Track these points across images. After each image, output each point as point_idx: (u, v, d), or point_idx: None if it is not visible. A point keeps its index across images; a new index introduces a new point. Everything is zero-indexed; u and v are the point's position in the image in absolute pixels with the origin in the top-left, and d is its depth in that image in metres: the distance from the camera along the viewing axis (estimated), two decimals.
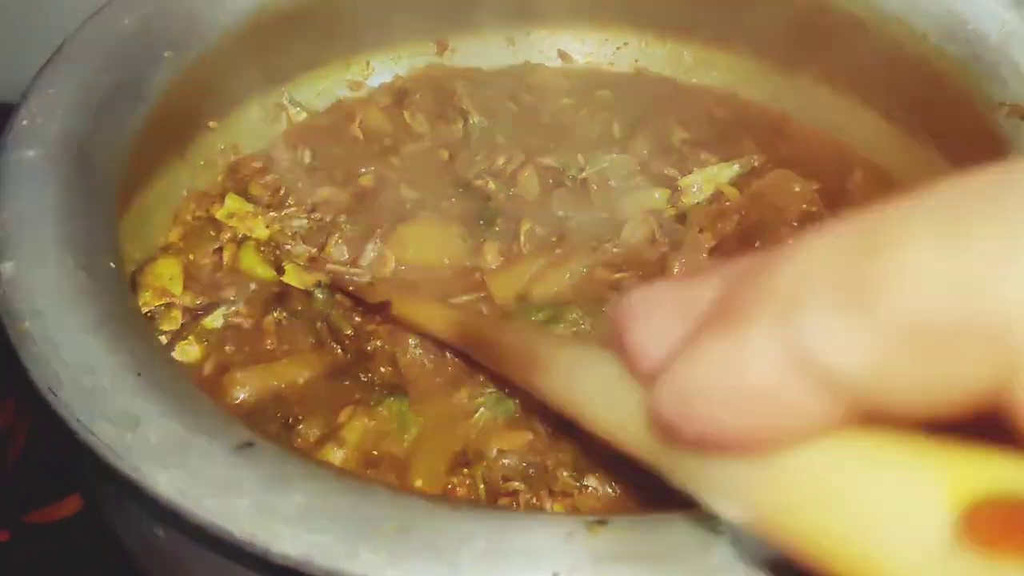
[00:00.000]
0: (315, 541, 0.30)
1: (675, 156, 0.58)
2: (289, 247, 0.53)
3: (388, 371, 0.48)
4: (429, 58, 0.64)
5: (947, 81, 0.52)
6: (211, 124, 0.57)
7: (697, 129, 0.59)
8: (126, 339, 0.36)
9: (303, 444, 0.44)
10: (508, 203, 0.56)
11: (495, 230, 0.54)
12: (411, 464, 0.44)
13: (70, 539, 0.57)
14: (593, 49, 0.65)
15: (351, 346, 0.49)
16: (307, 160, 0.59)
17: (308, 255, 0.53)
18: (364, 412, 0.45)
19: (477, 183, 0.57)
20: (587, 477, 0.42)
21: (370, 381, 0.47)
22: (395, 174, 0.57)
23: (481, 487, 0.43)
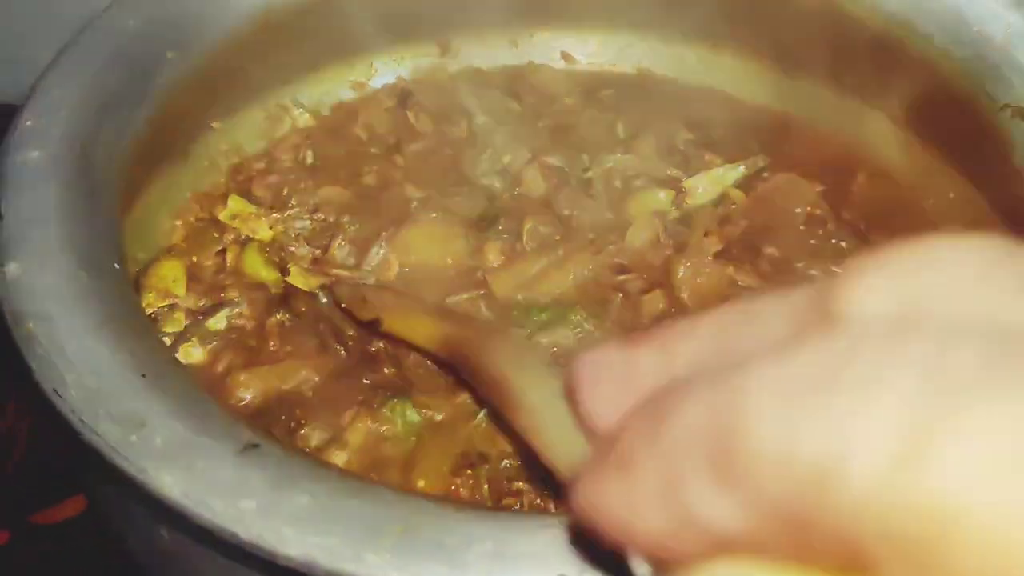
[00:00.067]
0: (320, 543, 0.30)
1: (679, 157, 0.57)
2: (293, 249, 0.53)
3: (391, 372, 0.47)
4: (432, 60, 0.64)
5: (951, 83, 0.52)
6: (214, 125, 0.56)
7: (701, 130, 0.59)
8: (131, 340, 0.36)
9: (307, 446, 0.44)
10: (513, 202, 0.55)
11: (498, 229, 0.54)
12: (415, 465, 0.44)
13: (71, 540, 0.57)
14: (596, 51, 0.65)
15: (354, 348, 0.49)
16: (309, 160, 0.58)
17: (312, 257, 0.53)
18: (368, 414, 0.45)
19: (483, 182, 0.56)
20: None
21: (373, 383, 0.47)
22: (398, 173, 0.57)
23: (485, 488, 0.43)
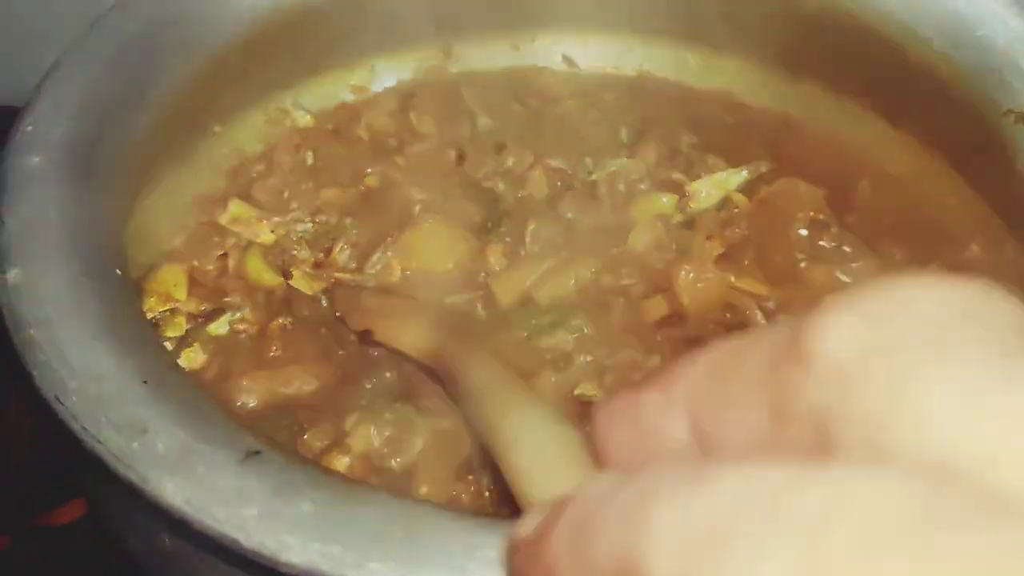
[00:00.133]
0: (323, 550, 0.30)
1: (682, 161, 0.57)
2: (295, 252, 0.53)
3: (393, 376, 0.47)
4: (433, 63, 0.64)
5: (953, 87, 0.52)
6: (216, 129, 0.56)
7: (704, 134, 0.59)
8: (133, 346, 0.36)
9: (309, 451, 0.44)
10: (516, 205, 0.55)
11: (501, 231, 0.54)
12: (417, 471, 0.44)
13: (71, 543, 0.56)
14: (598, 54, 0.65)
15: (357, 351, 0.48)
16: (310, 161, 0.58)
17: (314, 260, 0.53)
18: (370, 419, 0.45)
19: (486, 184, 0.56)
20: None
21: (376, 387, 0.47)
22: (401, 175, 0.57)
23: (487, 494, 0.43)
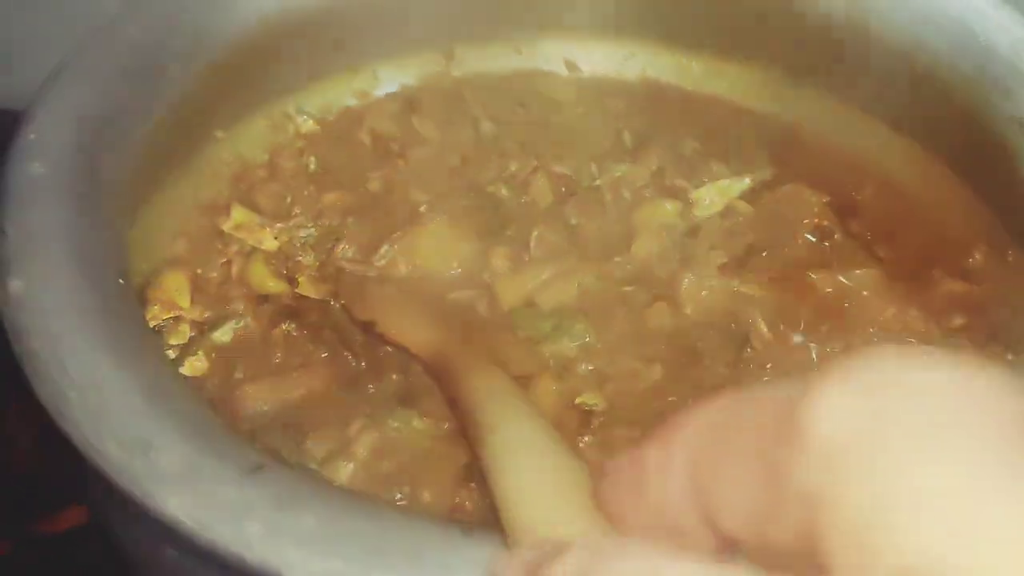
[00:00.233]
0: (326, 566, 0.30)
1: (686, 167, 0.57)
2: (299, 258, 0.53)
3: (398, 379, 0.47)
4: (436, 67, 0.63)
5: (958, 94, 0.52)
6: (218, 134, 0.56)
7: (707, 140, 0.59)
8: (136, 358, 0.36)
9: (313, 458, 0.44)
10: (520, 210, 0.55)
11: (506, 235, 0.54)
12: (421, 477, 0.43)
13: (72, 549, 0.56)
14: (601, 59, 0.65)
15: (363, 353, 0.48)
16: (312, 167, 0.58)
17: (319, 264, 0.53)
18: (374, 425, 0.44)
19: (489, 189, 0.56)
20: None
21: (379, 392, 0.47)
22: (403, 178, 0.57)
23: (490, 501, 0.43)
